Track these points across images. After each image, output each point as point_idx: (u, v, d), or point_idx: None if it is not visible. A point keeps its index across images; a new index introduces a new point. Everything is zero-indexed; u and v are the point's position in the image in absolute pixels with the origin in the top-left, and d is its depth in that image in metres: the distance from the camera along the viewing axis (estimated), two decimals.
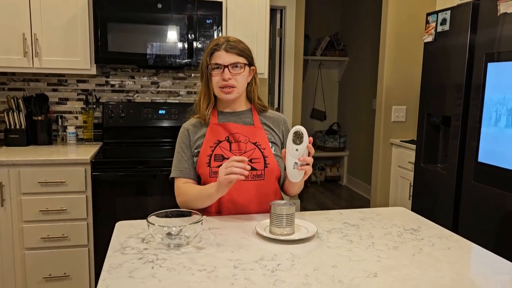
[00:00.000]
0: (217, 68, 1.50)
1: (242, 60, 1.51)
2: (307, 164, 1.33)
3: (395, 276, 1.03)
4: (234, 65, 1.50)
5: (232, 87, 1.51)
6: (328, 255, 1.14)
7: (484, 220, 2.18)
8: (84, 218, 2.40)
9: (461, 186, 2.35)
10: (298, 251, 1.17)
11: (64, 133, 2.91)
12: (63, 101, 2.93)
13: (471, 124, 2.27)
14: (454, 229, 2.38)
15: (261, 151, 1.53)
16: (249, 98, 1.63)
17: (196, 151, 1.55)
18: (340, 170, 5.70)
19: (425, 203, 2.69)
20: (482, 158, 2.19)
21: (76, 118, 2.95)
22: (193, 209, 1.48)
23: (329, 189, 5.35)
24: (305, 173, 1.35)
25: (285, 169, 1.63)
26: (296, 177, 1.35)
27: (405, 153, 3.27)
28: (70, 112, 2.95)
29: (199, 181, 1.57)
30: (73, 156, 2.42)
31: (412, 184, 3.02)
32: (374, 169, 3.60)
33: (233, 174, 1.29)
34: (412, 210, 2.73)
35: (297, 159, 1.32)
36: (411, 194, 2.96)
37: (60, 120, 2.90)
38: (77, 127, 2.93)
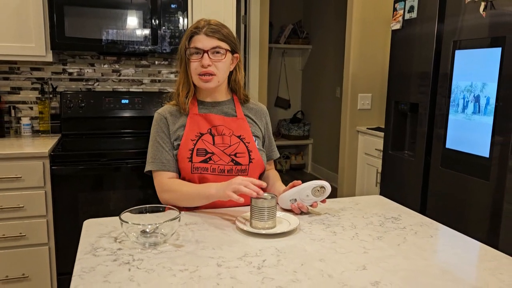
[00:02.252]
0: (196, 53, 1.39)
1: (224, 45, 1.41)
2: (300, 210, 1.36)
3: (384, 267, 1.01)
4: (215, 50, 1.39)
5: (212, 74, 1.40)
6: (313, 249, 1.10)
7: (452, 205, 2.22)
8: (43, 215, 2.25)
9: (429, 172, 2.39)
10: (282, 245, 1.12)
11: (18, 125, 2.71)
12: (15, 90, 2.73)
13: (438, 111, 2.30)
14: (422, 213, 2.42)
15: (245, 145, 1.45)
16: (233, 88, 1.53)
17: (175, 143, 1.44)
18: (305, 158, 5.73)
19: (393, 189, 2.72)
20: (450, 144, 2.22)
21: (31, 108, 2.76)
22: (177, 206, 1.40)
23: (294, 177, 5.36)
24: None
25: (266, 161, 1.58)
26: (284, 206, 1.39)
27: (372, 140, 3.30)
28: (24, 102, 2.75)
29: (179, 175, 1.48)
30: (30, 149, 2.25)
31: (379, 171, 3.05)
32: (341, 157, 3.62)
33: (245, 188, 1.21)
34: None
35: (300, 201, 1.34)
36: (378, 181, 3.00)
37: (13, 111, 2.70)
38: (32, 118, 2.74)
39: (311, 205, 1.36)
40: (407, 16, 2.52)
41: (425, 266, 1.02)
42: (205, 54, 1.38)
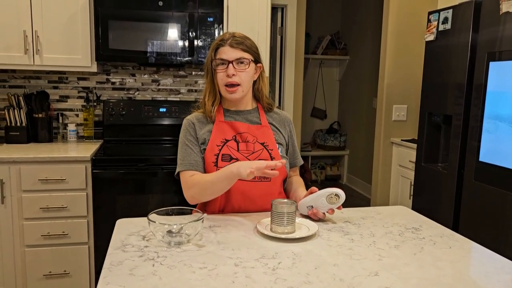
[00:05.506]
0: (222, 64, 1.47)
1: (247, 56, 1.48)
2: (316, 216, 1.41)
3: (396, 274, 1.03)
4: (239, 61, 1.47)
5: (237, 84, 1.47)
6: (329, 254, 1.14)
7: (485, 219, 2.17)
8: (84, 216, 2.40)
9: (462, 185, 2.35)
10: (299, 250, 1.16)
11: (65, 131, 2.90)
12: (63, 98, 2.93)
13: (472, 123, 2.27)
14: (455, 228, 2.38)
15: (269, 152, 1.50)
16: (256, 96, 1.60)
17: (202, 147, 1.51)
18: (341, 169, 5.69)
19: (426, 202, 2.69)
20: (483, 157, 2.18)
21: (77, 115, 2.95)
22: (203, 201, 1.48)
23: None
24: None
25: (290, 168, 1.63)
26: (303, 212, 1.43)
27: (406, 152, 3.27)
28: (70, 110, 2.94)
29: None
30: (74, 153, 2.42)
31: (413, 183, 3.01)
32: (375, 168, 3.60)
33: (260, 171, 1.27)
34: (413, 209, 2.73)
35: (315, 208, 1.39)
36: (412, 193, 2.96)
37: (60, 118, 2.89)
38: (77, 125, 2.93)
39: (327, 212, 1.39)
40: (441, 27, 2.50)
41: (438, 276, 1.03)
42: (230, 64, 1.46)
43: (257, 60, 1.53)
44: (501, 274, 1.06)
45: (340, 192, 1.35)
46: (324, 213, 1.40)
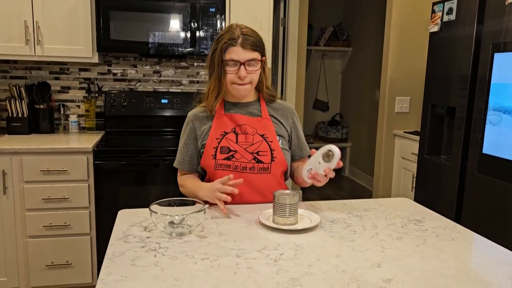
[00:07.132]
0: (233, 64, 1.45)
1: (257, 56, 1.46)
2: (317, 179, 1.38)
3: (399, 266, 1.02)
4: (250, 62, 1.45)
5: (247, 83, 1.47)
6: (331, 245, 1.14)
7: (488, 211, 2.17)
8: (86, 207, 2.40)
9: (465, 178, 2.34)
10: (301, 241, 1.16)
11: (66, 122, 2.90)
12: (65, 89, 2.92)
13: (476, 115, 2.25)
14: (457, 220, 2.37)
15: (268, 144, 1.50)
16: (257, 87, 1.58)
17: (203, 143, 1.53)
18: (343, 161, 5.68)
19: (428, 194, 2.68)
20: (487, 149, 2.17)
21: (78, 106, 2.94)
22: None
23: (331, 180, 5.28)
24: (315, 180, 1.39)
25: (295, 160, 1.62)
26: (305, 179, 1.41)
27: (408, 144, 3.25)
28: (72, 101, 2.93)
29: (204, 172, 1.56)
30: (75, 144, 2.41)
31: (415, 175, 3.01)
32: (377, 160, 3.59)
33: (223, 195, 1.35)
34: (415, 201, 2.72)
35: (314, 170, 1.36)
36: (414, 186, 2.96)
37: (62, 109, 2.89)
38: (79, 116, 2.92)
39: (325, 175, 1.35)
40: (445, 18, 2.47)
41: (441, 267, 1.03)
42: (242, 66, 1.44)
43: (262, 54, 1.51)
44: (504, 265, 1.05)
45: (334, 147, 1.32)
46: (325, 176, 1.35)
